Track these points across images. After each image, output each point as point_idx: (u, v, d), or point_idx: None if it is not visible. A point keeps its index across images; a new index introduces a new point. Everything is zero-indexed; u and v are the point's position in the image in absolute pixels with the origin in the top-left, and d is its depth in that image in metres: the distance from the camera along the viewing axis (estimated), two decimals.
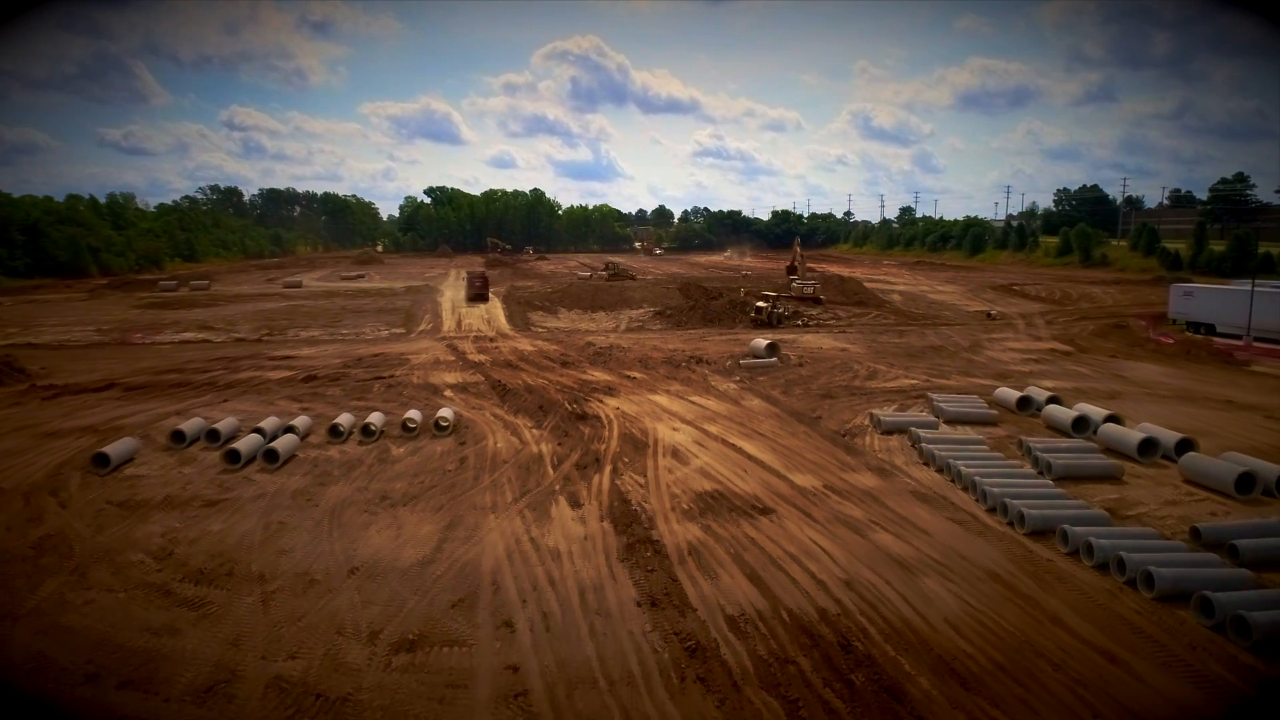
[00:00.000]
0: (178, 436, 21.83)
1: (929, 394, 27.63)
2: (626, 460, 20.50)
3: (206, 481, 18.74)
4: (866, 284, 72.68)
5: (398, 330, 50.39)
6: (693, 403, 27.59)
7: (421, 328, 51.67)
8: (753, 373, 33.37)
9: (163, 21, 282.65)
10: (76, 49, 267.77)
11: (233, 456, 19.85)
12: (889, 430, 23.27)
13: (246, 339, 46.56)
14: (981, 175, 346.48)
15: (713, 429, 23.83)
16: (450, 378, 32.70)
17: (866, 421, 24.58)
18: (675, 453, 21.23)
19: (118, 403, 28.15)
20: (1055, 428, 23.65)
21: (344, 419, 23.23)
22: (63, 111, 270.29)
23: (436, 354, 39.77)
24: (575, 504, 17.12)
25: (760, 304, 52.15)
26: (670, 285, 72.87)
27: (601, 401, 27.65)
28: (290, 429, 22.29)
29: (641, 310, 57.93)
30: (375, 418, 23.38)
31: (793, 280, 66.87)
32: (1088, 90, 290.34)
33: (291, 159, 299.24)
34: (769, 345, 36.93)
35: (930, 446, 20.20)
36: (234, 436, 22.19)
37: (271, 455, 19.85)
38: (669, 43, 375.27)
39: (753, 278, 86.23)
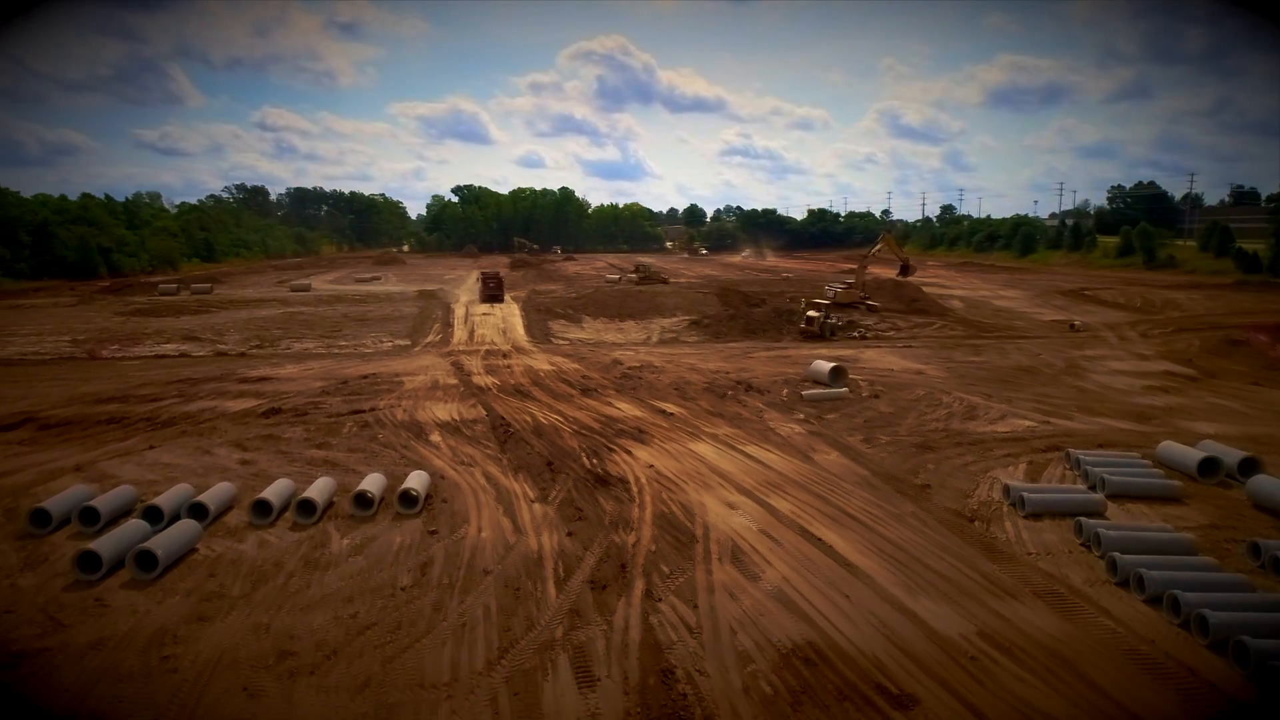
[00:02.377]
0: (40, 518, 15.64)
1: (1069, 450, 20.56)
2: (666, 569, 13.89)
3: (37, 608, 12.47)
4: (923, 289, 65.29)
5: (401, 342, 44.44)
6: (749, 457, 20.94)
7: (428, 340, 45.64)
8: (819, 407, 26.65)
9: (194, 24, 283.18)
10: (110, 51, 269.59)
11: (89, 563, 13.58)
12: (1036, 512, 16.43)
13: (229, 352, 41.00)
14: (1014, 174, 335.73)
15: (783, 506, 17.15)
16: (443, 412, 26.44)
17: (997, 495, 17.75)
18: (735, 554, 14.60)
19: (18, 448, 22.24)
20: (1272, 510, 16.62)
21: (276, 490, 16.83)
22: (100, 113, 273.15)
23: (437, 375, 33.63)
24: (586, 677, 10.51)
25: (812, 314, 45.47)
26: (705, 290, 66.05)
27: (629, 454, 21.13)
28: (198, 508, 16.01)
29: (675, 319, 51.35)
30: (319, 488, 16.98)
31: (826, 287, 60.25)
32: (1121, 87, 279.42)
33: (323, 159, 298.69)
34: (834, 369, 30.18)
35: (1128, 559, 13.28)
36: (122, 516, 16.03)
37: (148, 560, 13.58)
38: (694, 42, 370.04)
39: (794, 280, 79.27)
